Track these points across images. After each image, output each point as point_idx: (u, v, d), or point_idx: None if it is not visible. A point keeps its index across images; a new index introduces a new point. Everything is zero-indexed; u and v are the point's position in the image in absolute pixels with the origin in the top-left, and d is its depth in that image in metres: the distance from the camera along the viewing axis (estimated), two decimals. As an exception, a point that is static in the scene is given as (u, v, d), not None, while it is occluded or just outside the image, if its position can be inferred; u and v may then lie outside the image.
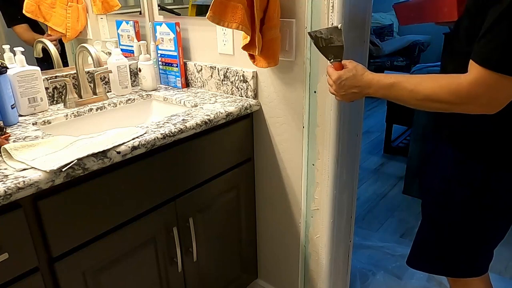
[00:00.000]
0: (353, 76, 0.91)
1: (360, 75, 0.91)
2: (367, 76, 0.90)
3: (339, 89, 0.94)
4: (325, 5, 1.05)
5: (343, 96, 0.95)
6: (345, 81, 0.92)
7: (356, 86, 0.92)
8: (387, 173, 2.78)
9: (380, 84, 0.88)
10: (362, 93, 0.92)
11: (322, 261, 1.34)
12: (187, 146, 1.11)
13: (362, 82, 0.91)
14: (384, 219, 2.22)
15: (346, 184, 1.29)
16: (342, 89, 0.94)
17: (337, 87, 0.94)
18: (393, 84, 0.86)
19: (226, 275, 1.42)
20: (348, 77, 0.92)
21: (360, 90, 0.91)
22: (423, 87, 0.81)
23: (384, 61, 4.52)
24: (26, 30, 1.27)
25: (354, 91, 0.92)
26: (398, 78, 0.85)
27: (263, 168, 1.40)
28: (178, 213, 1.15)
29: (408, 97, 0.83)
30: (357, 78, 0.91)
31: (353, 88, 0.92)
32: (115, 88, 1.41)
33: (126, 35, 1.53)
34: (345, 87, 0.93)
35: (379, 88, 0.88)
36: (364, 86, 0.90)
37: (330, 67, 0.96)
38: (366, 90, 0.90)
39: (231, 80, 1.34)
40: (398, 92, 0.85)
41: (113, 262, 1.01)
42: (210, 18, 1.05)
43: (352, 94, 0.93)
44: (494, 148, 0.86)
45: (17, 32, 1.26)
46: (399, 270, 1.77)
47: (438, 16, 1.04)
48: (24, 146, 0.89)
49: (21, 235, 0.80)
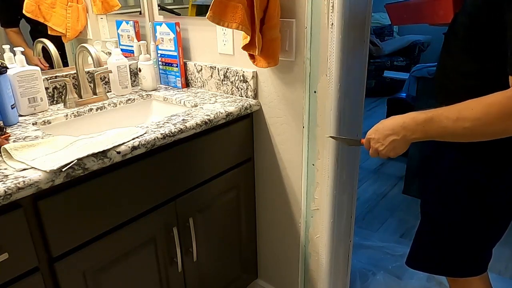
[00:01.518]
0: (380, 124, 0.88)
1: (388, 120, 0.86)
2: (397, 118, 0.84)
3: (375, 145, 0.89)
4: (325, 5, 1.05)
5: (384, 150, 0.88)
6: (375, 134, 0.89)
7: (389, 132, 0.85)
8: (387, 173, 2.78)
9: (417, 121, 0.80)
10: (400, 137, 0.84)
11: (322, 261, 1.34)
12: (187, 146, 1.11)
13: (393, 125, 0.85)
14: (384, 219, 2.22)
15: (346, 184, 1.29)
16: (378, 144, 0.89)
17: (372, 144, 0.90)
18: (431, 118, 0.78)
19: (226, 275, 1.42)
20: (376, 128, 0.89)
21: (395, 134, 0.84)
22: (469, 111, 0.73)
23: (384, 61, 4.52)
24: (16, 33, 1.28)
25: (391, 138, 0.85)
26: (436, 110, 0.78)
27: (263, 168, 1.40)
28: (178, 213, 1.15)
29: (454, 127, 0.74)
30: (385, 124, 0.87)
31: (389, 136, 0.85)
32: (115, 88, 1.41)
33: (126, 35, 1.53)
34: (380, 139, 0.88)
35: (416, 125, 0.80)
36: (398, 129, 0.84)
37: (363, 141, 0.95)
38: (403, 132, 0.83)
39: (231, 80, 1.34)
40: (440, 124, 0.76)
41: (113, 262, 1.01)
42: (210, 18, 1.05)
43: (392, 143, 0.86)
44: (493, 149, 0.86)
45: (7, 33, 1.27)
46: (399, 270, 1.77)
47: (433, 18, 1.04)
48: (24, 146, 0.89)
49: (21, 235, 0.80)
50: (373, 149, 0.91)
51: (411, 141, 0.84)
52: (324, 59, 1.10)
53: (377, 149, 0.90)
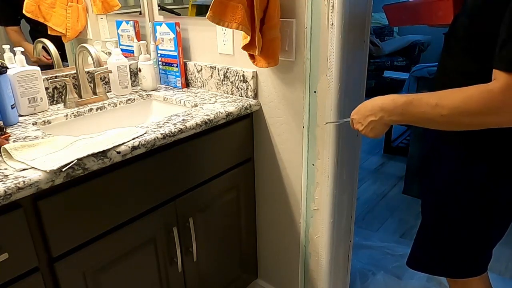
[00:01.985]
0: (362, 105, 0.89)
1: (369, 101, 0.87)
2: (377, 99, 0.85)
3: (356, 125, 0.92)
4: (325, 5, 1.05)
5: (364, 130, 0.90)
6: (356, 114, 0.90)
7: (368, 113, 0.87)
8: (387, 173, 2.78)
9: (396, 103, 0.81)
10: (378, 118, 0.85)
11: (322, 261, 1.34)
12: (187, 146, 1.11)
13: (372, 106, 0.86)
14: (384, 219, 2.22)
15: (346, 184, 1.29)
16: (358, 124, 0.91)
17: (354, 124, 0.93)
18: (411, 101, 0.78)
19: (226, 275, 1.42)
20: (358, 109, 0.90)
21: (373, 115, 0.86)
22: (449, 99, 0.73)
23: (384, 61, 4.52)
24: (16, 32, 1.28)
25: (370, 119, 0.87)
26: (416, 95, 0.78)
27: (263, 168, 1.40)
28: (178, 213, 1.15)
29: (432, 113, 0.75)
30: (366, 105, 0.87)
31: (368, 117, 0.87)
32: (115, 88, 1.41)
33: (126, 35, 1.53)
34: (360, 120, 0.90)
35: (395, 107, 0.81)
36: (377, 110, 0.85)
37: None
38: (380, 114, 0.84)
39: (231, 80, 1.34)
40: (418, 109, 0.77)
41: (113, 262, 1.01)
42: (210, 18, 1.05)
43: (371, 124, 0.88)
44: (495, 148, 0.85)
45: (7, 31, 1.26)
46: (399, 270, 1.77)
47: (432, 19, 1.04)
48: (24, 146, 0.89)
49: (21, 235, 0.80)
50: (354, 129, 0.94)
51: (389, 123, 0.85)
52: (324, 59, 1.10)
53: (358, 129, 0.92)
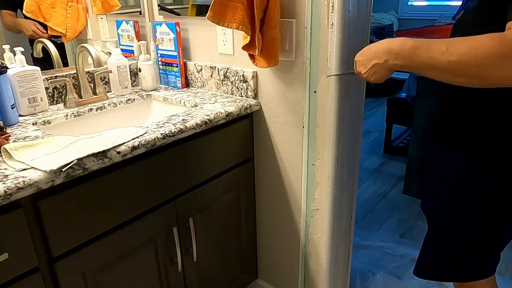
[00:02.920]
0: (367, 47, 0.85)
1: (375, 44, 0.82)
2: (384, 42, 0.80)
3: (359, 68, 0.88)
4: (325, 5, 1.05)
5: (366, 73, 0.87)
6: (361, 56, 0.86)
7: (372, 56, 0.83)
8: (387, 173, 2.78)
9: (403, 46, 0.75)
10: (383, 62, 0.81)
11: (322, 261, 1.34)
12: (187, 146, 1.11)
13: (377, 49, 0.81)
14: (384, 219, 2.22)
15: (346, 184, 1.29)
16: (361, 66, 0.87)
17: (357, 66, 0.89)
18: (420, 45, 0.73)
19: (226, 275, 1.42)
20: (362, 51, 0.87)
21: (377, 58, 0.81)
22: (459, 45, 0.68)
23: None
24: (11, 16, 1.26)
25: (374, 61, 0.83)
26: (425, 40, 0.73)
27: (263, 168, 1.40)
28: (178, 213, 1.15)
29: (439, 59, 0.70)
30: (371, 47, 0.84)
31: (372, 59, 0.83)
32: (115, 88, 1.41)
33: (126, 35, 1.53)
34: (364, 62, 0.85)
35: (401, 50, 0.76)
36: (382, 52, 0.80)
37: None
38: (385, 57, 0.79)
39: (231, 80, 1.34)
40: (426, 53, 0.71)
41: (113, 262, 1.01)
42: (210, 18, 1.05)
43: (374, 67, 0.83)
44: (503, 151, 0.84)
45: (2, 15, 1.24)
46: (399, 270, 1.77)
47: None
48: (24, 146, 0.89)
49: (21, 235, 0.80)
50: (357, 72, 0.91)
51: (393, 67, 0.81)
52: (324, 59, 1.10)
53: (360, 72, 0.89)
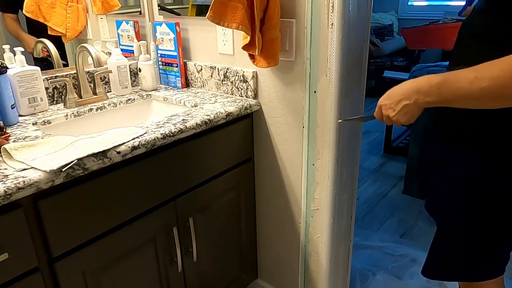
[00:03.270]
0: (392, 91, 0.85)
1: (399, 86, 0.83)
2: (408, 83, 0.81)
3: (387, 111, 0.87)
4: (325, 5, 1.05)
5: (396, 115, 0.85)
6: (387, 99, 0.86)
7: (401, 97, 0.82)
8: (387, 173, 2.78)
9: (431, 83, 0.75)
10: (413, 101, 0.80)
11: (322, 261, 1.34)
12: (187, 146, 1.11)
13: (405, 90, 0.81)
14: (384, 219, 2.22)
15: (346, 184, 1.29)
16: (389, 110, 0.86)
17: (384, 110, 0.88)
18: (447, 79, 0.73)
19: (226, 275, 1.42)
20: (388, 94, 0.86)
21: (407, 98, 0.81)
22: (488, 70, 0.67)
23: (384, 61, 4.52)
24: (13, 20, 1.26)
25: (404, 103, 0.82)
26: (451, 72, 0.73)
27: (263, 168, 1.40)
28: (178, 213, 1.15)
29: (470, 88, 0.69)
30: (396, 90, 0.84)
31: (401, 101, 0.82)
32: (115, 88, 1.41)
33: (126, 35, 1.53)
34: (392, 105, 0.84)
35: (430, 87, 0.75)
36: (411, 93, 0.80)
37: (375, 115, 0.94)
38: (415, 96, 0.79)
39: (231, 80, 1.34)
40: (456, 85, 0.71)
41: (113, 262, 1.01)
42: (210, 18, 1.05)
43: (404, 108, 0.82)
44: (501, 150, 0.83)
45: (4, 18, 1.25)
46: (399, 270, 1.77)
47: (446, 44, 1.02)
48: (24, 146, 0.89)
49: (21, 235, 0.80)
50: (385, 116, 0.89)
51: (424, 105, 0.80)
52: (324, 59, 1.10)
53: (388, 116, 0.87)
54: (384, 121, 0.91)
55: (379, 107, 0.90)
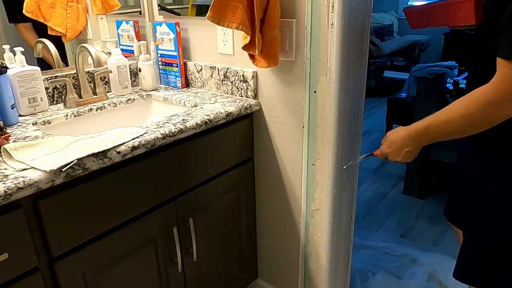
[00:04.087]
0: (390, 141, 0.99)
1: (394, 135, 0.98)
2: (402, 132, 0.95)
3: (393, 158, 1.01)
4: (325, 5, 1.05)
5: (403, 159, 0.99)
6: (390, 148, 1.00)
7: (401, 144, 0.96)
8: (387, 173, 2.78)
9: (418, 132, 0.91)
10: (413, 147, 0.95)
11: (322, 261, 1.34)
12: (187, 146, 1.11)
13: (403, 139, 0.95)
14: (384, 219, 2.22)
15: (346, 184, 1.29)
16: (394, 156, 1.00)
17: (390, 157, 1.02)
18: (429, 125, 0.88)
19: (226, 275, 1.42)
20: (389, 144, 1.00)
21: (407, 145, 0.95)
22: (454, 111, 0.81)
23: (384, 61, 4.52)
24: (27, 29, 1.27)
25: (405, 149, 0.96)
26: (430, 117, 0.87)
27: (263, 168, 1.40)
28: (178, 213, 1.15)
29: (449, 128, 0.83)
30: (394, 140, 0.98)
31: (403, 148, 0.96)
32: (115, 88, 1.41)
33: (126, 35, 1.53)
34: (395, 152, 0.99)
35: (419, 134, 0.91)
36: (408, 140, 0.94)
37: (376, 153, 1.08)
38: (414, 143, 0.94)
39: (231, 80, 1.34)
40: (438, 128, 0.86)
41: (113, 262, 1.01)
42: (210, 18, 1.05)
43: (408, 153, 0.97)
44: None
45: (19, 30, 1.26)
46: (399, 270, 1.77)
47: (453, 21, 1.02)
48: (24, 146, 0.89)
49: (21, 235, 0.80)
50: (393, 160, 1.03)
51: (421, 146, 0.94)
52: (324, 59, 1.10)
53: (396, 160, 1.02)
54: (389, 160, 1.06)
55: (384, 153, 1.04)
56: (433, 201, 2.37)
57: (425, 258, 1.82)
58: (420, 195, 2.41)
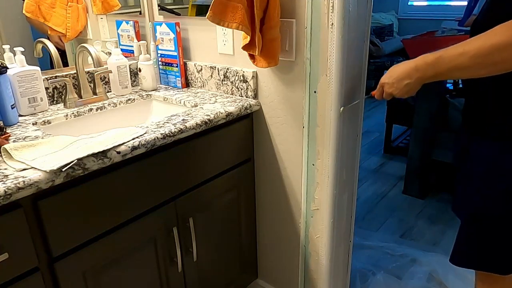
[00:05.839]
0: (393, 71, 0.94)
1: (399, 66, 0.92)
2: (407, 63, 0.90)
3: (389, 89, 0.96)
4: (325, 5, 1.05)
5: (399, 93, 0.95)
6: (389, 79, 0.95)
7: (403, 75, 0.92)
8: (387, 173, 2.78)
9: (427, 61, 0.87)
10: (414, 79, 0.90)
11: (322, 261, 1.34)
12: (187, 146, 1.11)
13: (405, 69, 0.91)
14: (384, 219, 2.22)
15: (346, 184, 1.29)
16: (392, 88, 0.96)
17: (386, 89, 0.97)
18: (440, 56, 0.84)
19: (226, 275, 1.42)
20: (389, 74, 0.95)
21: (409, 77, 0.91)
22: (473, 42, 0.78)
23: (384, 61, 4.52)
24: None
25: (405, 81, 0.92)
26: (445, 50, 0.84)
27: (263, 168, 1.40)
28: (178, 213, 1.15)
29: (461, 60, 0.80)
30: (397, 70, 0.93)
31: (403, 80, 0.92)
32: (115, 88, 1.41)
33: (126, 35, 1.53)
34: (394, 84, 0.94)
35: (427, 65, 0.86)
36: (411, 72, 0.90)
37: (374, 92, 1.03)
38: (416, 75, 0.89)
39: (231, 80, 1.34)
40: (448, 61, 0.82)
41: (113, 262, 1.01)
42: (210, 18, 1.05)
43: (407, 86, 0.93)
44: None
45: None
46: (399, 270, 1.77)
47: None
48: (24, 146, 0.89)
49: (21, 235, 0.80)
50: (387, 94, 0.99)
51: (423, 81, 0.90)
52: (324, 59, 1.10)
53: (391, 93, 0.97)
54: (385, 98, 1.00)
55: (381, 85, 0.99)
56: (433, 201, 2.37)
57: (425, 258, 1.82)
58: (420, 195, 2.41)
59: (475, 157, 0.97)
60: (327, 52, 1.08)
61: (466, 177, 1.02)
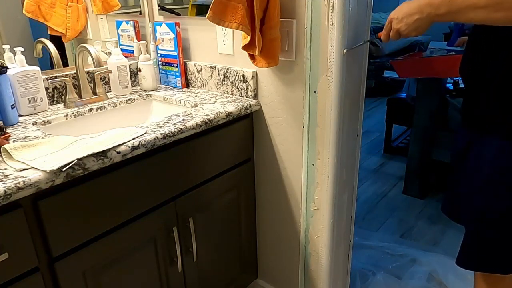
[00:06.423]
0: (404, 5, 0.89)
1: (410, 2, 0.88)
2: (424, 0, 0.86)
3: (398, 25, 0.91)
4: (325, 5, 1.05)
5: (408, 29, 0.91)
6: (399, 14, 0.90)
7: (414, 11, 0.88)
8: (387, 173, 2.78)
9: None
10: (425, 15, 0.86)
11: (322, 261, 1.34)
12: (187, 146, 1.11)
13: (417, 4, 0.87)
14: (384, 219, 2.22)
15: (346, 184, 1.29)
16: (401, 23, 0.91)
17: (394, 25, 0.92)
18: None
19: (226, 275, 1.42)
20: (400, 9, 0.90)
21: (420, 12, 0.87)
22: None
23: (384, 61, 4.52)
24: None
25: (416, 17, 0.88)
26: None
27: (263, 168, 1.40)
28: (178, 213, 1.15)
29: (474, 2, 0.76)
30: (409, 4, 0.88)
31: (414, 15, 0.88)
32: (115, 88, 1.41)
33: (126, 35, 1.53)
34: (404, 19, 0.90)
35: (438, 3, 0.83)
36: (423, 6, 0.85)
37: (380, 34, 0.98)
38: (428, 10, 0.85)
39: (231, 80, 1.34)
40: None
41: (113, 262, 1.01)
42: (210, 18, 1.05)
43: (416, 22, 0.88)
44: None
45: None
46: (399, 270, 1.77)
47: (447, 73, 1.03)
48: (24, 146, 0.89)
49: (21, 235, 0.80)
50: (394, 30, 0.94)
51: (435, 18, 0.86)
52: (324, 59, 1.10)
53: (399, 29, 0.92)
54: (391, 37, 0.95)
55: (390, 20, 0.94)
56: (433, 201, 2.37)
57: (425, 258, 1.82)
58: (420, 195, 2.41)
59: (476, 156, 0.97)
60: (327, 52, 1.08)
61: (466, 177, 1.01)
